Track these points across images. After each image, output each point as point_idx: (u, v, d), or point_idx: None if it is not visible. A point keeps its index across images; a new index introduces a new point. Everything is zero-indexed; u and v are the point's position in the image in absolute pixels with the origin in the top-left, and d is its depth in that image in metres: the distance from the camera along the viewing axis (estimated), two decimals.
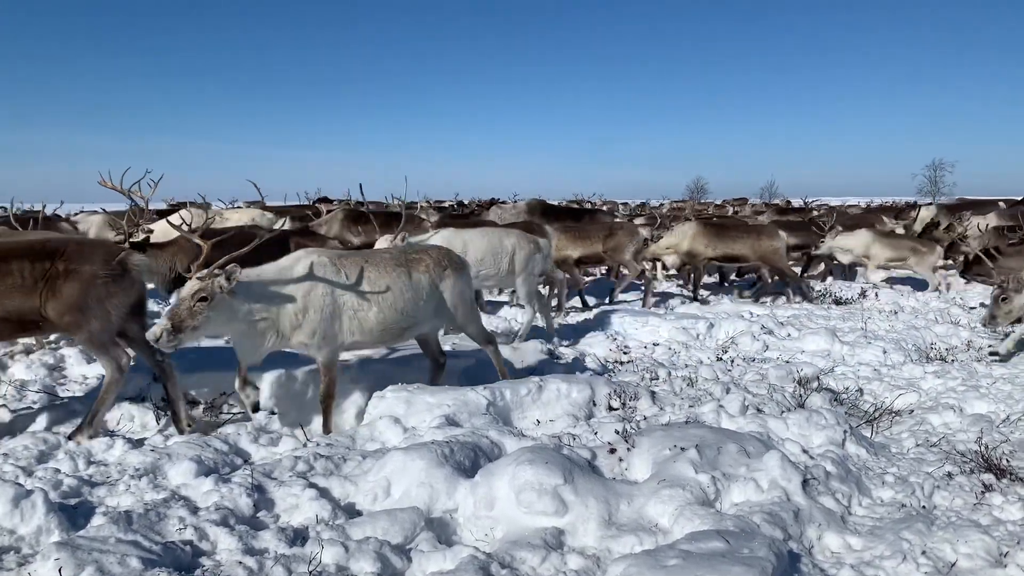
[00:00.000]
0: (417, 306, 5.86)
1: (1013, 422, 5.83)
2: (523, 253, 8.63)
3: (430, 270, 6.01)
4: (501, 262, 8.47)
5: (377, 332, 5.67)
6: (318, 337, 5.35)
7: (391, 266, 5.79)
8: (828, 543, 4.01)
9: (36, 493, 3.74)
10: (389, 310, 5.64)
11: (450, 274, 6.14)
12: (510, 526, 4.00)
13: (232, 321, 5.09)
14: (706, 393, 6.55)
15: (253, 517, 4.00)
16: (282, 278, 5.32)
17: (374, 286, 5.60)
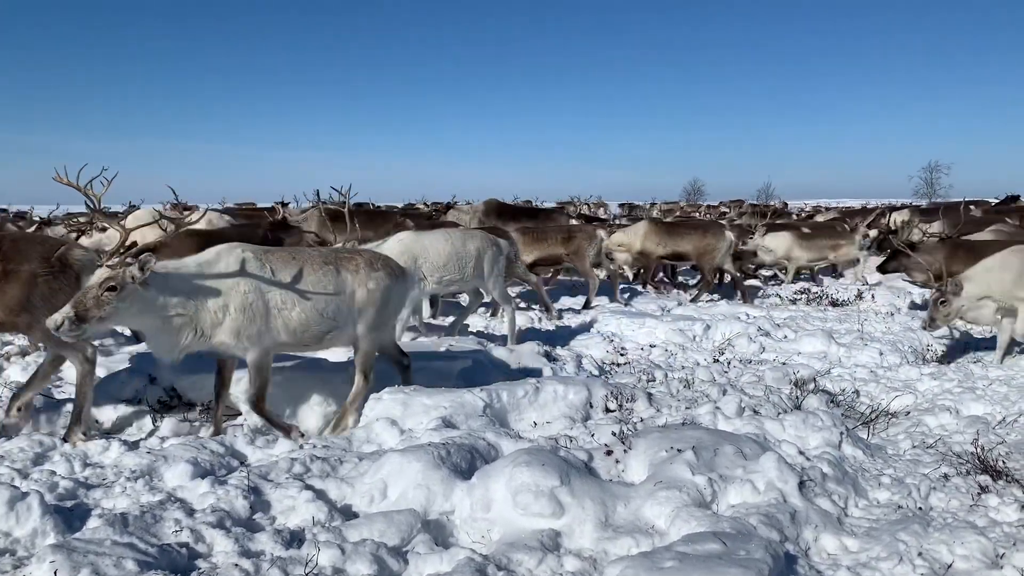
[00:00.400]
0: (341, 309, 5.51)
1: (1009, 424, 5.85)
2: (489, 255, 8.44)
3: (360, 271, 5.63)
4: (466, 266, 8.22)
5: (300, 333, 5.36)
6: (243, 337, 5.07)
7: (318, 264, 5.47)
8: (825, 545, 4.02)
9: (32, 495, 3.73)
10: (311, 310, 5.34)
11: (383, 278, 5.73)
12: (507, 528, 3.99)
13: (144, 314, 4.80)
14: (703, 395, 6.56)
15: (249, 519, 4.00)
16: (203, 272, 5.02)
17: (299, 283, 5.30)
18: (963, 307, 7.94)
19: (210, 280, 5.01)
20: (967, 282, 7.91)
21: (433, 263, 7.93)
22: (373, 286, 5.64)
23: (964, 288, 7.86)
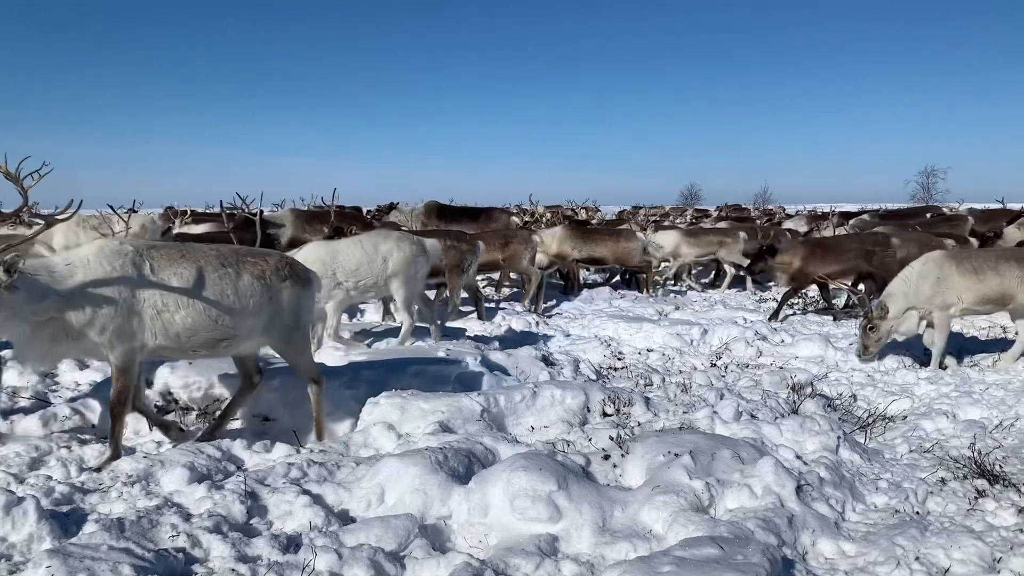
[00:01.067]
0: (241, 316, 5.02)
1: (1006, 428, 5.86)
2: (400, 256, 8.07)
3: (266, 276, 5.16)
4: (378, 270, 7.92)
5: (185, 338, 4.87)
6: (108, 334, 4.61)
7: (215, 265, 4.96)
8: (822, 549, 4.02)
9: (28, 500, 3.72)
10: (201, 315, 4.84)
11: (289, 285, 5.30)
12: (504, 533, 3.99)
13: (11, 320, 4.36)
14: (700, 399, 6.57)
15: (246, 524, 3.99)
16: (76, 270, 4.59)
17: (186, 284, 4.81)
18: (891, 327, 8.12)
19: (85, 279, 4.58)
20: (890, 301, 8.09)
21: (345, 269, 7.70)
22: (279, 293, 5.21)
23: (889, 308, 8.07)
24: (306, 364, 5.52)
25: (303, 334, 5.51)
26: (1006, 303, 7.99)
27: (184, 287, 4.81)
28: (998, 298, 7.94)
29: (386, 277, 7.96)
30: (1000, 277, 7.86)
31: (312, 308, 5.70)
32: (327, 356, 7.23)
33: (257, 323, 5.14)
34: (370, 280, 7.87)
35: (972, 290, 7.87)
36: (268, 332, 5.25)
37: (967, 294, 7.88)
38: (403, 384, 6.34)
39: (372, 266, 7.86)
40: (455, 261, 10.55)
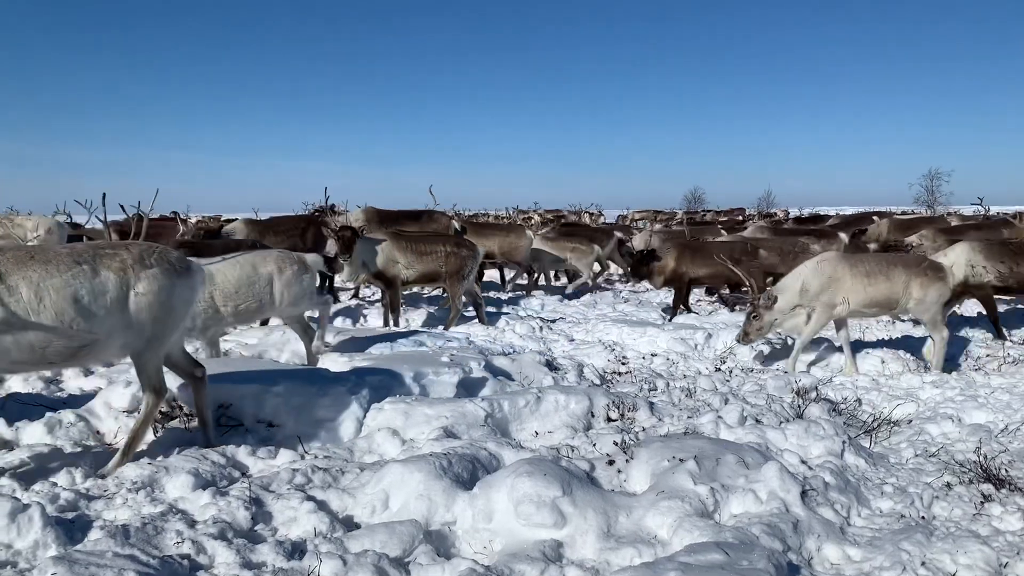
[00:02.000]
0: (99, 318, 4.44)
1: (1012, 432, 5.84)
2: (285, 277, 7.43)
3: (127, 268, 4.54)
4: (260, 291, 7.29)
5: (40, 348, 4.31)
6: None
7: (68, 263, 4.40)
8: (827, 554, 4.01)
9: (33, 507, 3.72)
10: (54, 322, 4.28)
11: (158, 275, 4.66)
12: (509, 538, 3.98)
13: None
14: (704, 404, 6.55)
15: (251, 530, 3.99)
16: None
17: (35, 289, 4.25)
18: (776, 320, 8.32)
19: None
20: (781, 294, 8.25)
21: (223, 291, 7.09)
22: (145, 287, 4.62)
23: (778, 301, 8.24)
24: (155, 369, 4.89)
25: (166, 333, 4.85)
26: (891, 307, 8.33)
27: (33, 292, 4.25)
28: (885, 302, 8.23)
29: (270, 300, 7.37)
30: (890, 282, 8.17)
31: (191, 302, 5.05)
32: (330, 362, 7.23)
33: (120, 322, 4.52)
34: (252, 303, 7.25)
35: (861, 292, 8.16)
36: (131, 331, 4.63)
37: (855, 296, 8.16)
38: (407, 389, 6.36)
39: (253, 287, 7.23)
40: (456, 267, 10.56)
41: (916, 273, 8.20)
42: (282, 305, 7.47)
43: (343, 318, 11.29)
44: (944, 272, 8.37)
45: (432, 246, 10.68)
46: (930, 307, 8.19)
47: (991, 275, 10.17)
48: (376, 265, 10.41)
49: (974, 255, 10.26)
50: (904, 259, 8.75)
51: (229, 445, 5.12)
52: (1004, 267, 10.19)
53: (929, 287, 8.15)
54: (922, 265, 8.37)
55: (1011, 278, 10.22)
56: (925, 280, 8.16)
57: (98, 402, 5.68)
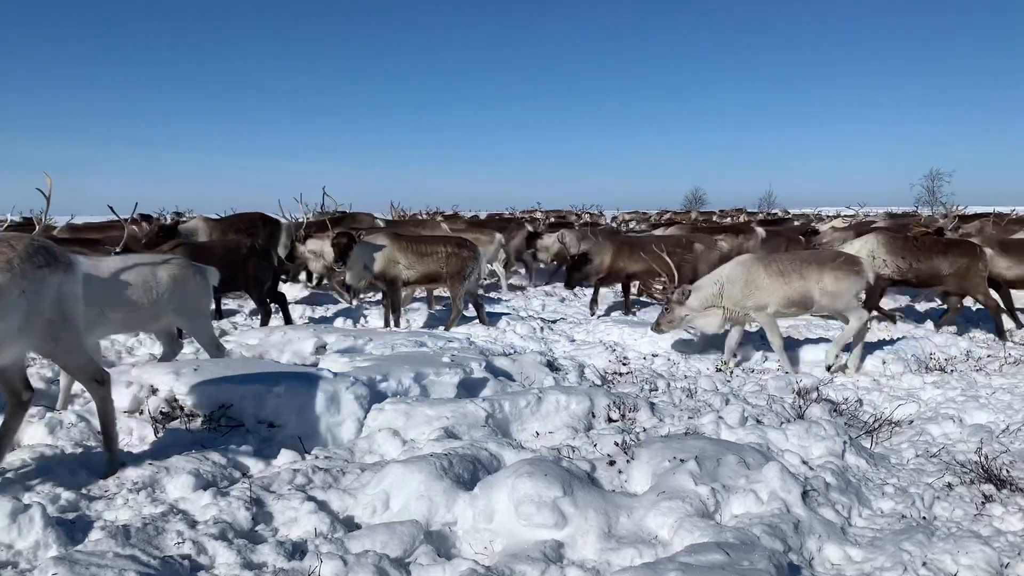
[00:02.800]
0: None
1: (1013, 432, 5.83)
2: (186, 286, 6.53)
3: (14, 266, 4.08)
4: (156, 299, 6.29)
5: None
6: None
7: None
8: (828, 555, 4.00)
9: (34, 507, 3.73)
10: None
11: (48, 273, 4.27)
12: (509, 539, 3.98)
13: None
14: (705, 404, 6.55)
15: (251, 531, 3.99)
16: None
17: None
18: (687, 316, 8.40)
19: None
20: (695, 291, 8.34)
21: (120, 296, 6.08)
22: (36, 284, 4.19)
23: (691, 297, 8.32)
24: (82, 363, 4.61)
25: (72, 328, 4.52)
26: (808, 306, 8.31)
27: None
28: (801, 300, 8.24)
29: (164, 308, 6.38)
30: (803, 280, 8.17)
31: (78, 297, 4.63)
32: (331, 362, 7.23)
33: (10, 326, 4.09)
34: (148, 312, 6.27)
35: (778, 292, 8.19)
36: (27, 333, 4.24)
37: (773, 296, 8.19)
38: (407, 390, 6.36)
39: (149, 294, 6.25)
40: (457, 268, 10.57)
41: (830, 268, 8.19)
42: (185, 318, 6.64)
43: (344, 318, 11.30)
44: (860, 266, 8.31)
45: (433, 247, 10.69)
46: (843, 296, 8.17)
47: (889, 269, 10.45)
48: (377, 267, 10.42)
49: (877, 247, 10.53)
50: (818, 255, 8.75)
51: (229, 445, 5.13)
52: (903, 262, 10.47)
53: (844, 280, 8.14)
54: (836, 260, 8.38)
55: (909, 272, 10.51)
56: (840, 273, 8.16)
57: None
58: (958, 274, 10.40)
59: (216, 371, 6.01)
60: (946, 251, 10.59)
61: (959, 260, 10.43)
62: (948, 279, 10.47)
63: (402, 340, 8.41)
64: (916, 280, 10.65)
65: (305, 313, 11.81)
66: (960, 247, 10.81)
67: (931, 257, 10.48)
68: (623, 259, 11.98)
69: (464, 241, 11.22)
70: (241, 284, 10.18)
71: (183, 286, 6.52)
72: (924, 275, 10.50)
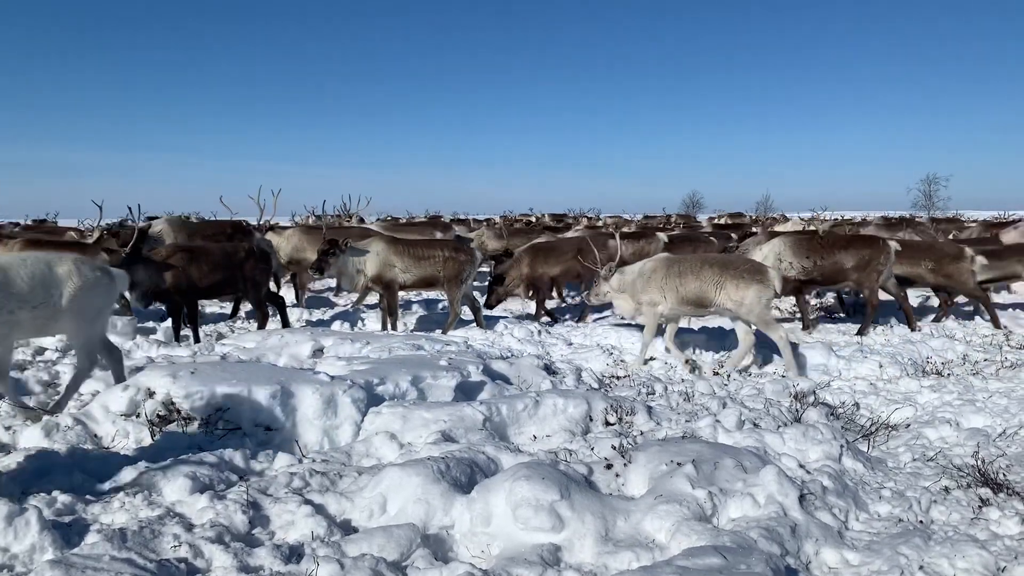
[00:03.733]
0: None
1: (1009, 436, 5.84)
2: (76, 283, 5.79)
3: None
4: (53, 296, 5.68)
5: None
6: None
7: None
8: (825, 558, 4.00)
9: (30, 511, 3.72)
10: None
11: None
12: (507, 542, 3.98)
13: None
14: (702, 408, 6.55)
15: (248, 534, 3.98)
16: None
17: None
18: (606, 292, 8.97)
19: None
20: (617, 273, 8.91)
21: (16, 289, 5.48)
22: None
23: (613, 278, 8.90)
24: None
25: None
26: (704, 305, 8.45)
27: None
28: (696, 300, 8.41)
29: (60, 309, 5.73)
30: (700, 281, 8.33)
31: None
32: (328, 365, 7.23)
33: None
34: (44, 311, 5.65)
35: (675, 291, 8.45)
36: None
37: (671, 295, 8.47)
38: (405, 393, 6.35)
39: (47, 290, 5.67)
40: (454, 272, 10.57)
41: (732, 275, 8.19)
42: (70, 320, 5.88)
43: (341, 321, 11.29)
44: (764, 275, 8.26)
45: (430, 251, 10.69)
46: (752, 308, 8.15)
47: (795, 270, 10.82)
48: (372, 270, 10.42)
49: (783, 250, 10.91)
50: (723, 259, 8.82)
51: (226, 449, 5.12)
52: (808, 262, 10.84)
53: (746, 289, 8.12)
54: (740, 267, 8.34)
55: (815, 271, 10.88)
56: (741, 282, 8.14)
57: (95, 405, 5.67)
58: (858, 267, 10.79)
59: (213, 374, 6.00)
60: (848, 247, 11.00)
61: (860, 254, 10.82)
62: (850, 273, 10.85)
63: (399, 343, 8.40)
64: (822, 278, 11.02)
65: (302, 316, 11.80)
66: (862, 241, 11.25)
67: (834, 254, 10.86)
68: (540, 264, 12.11)
69: (461, 245, 11.23)
70: (239, 287, 10.18)
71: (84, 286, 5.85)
72: (828, 272, 10.89)
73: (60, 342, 8.68)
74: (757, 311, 8.16)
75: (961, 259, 11.21)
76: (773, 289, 8.24)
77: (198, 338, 9.66)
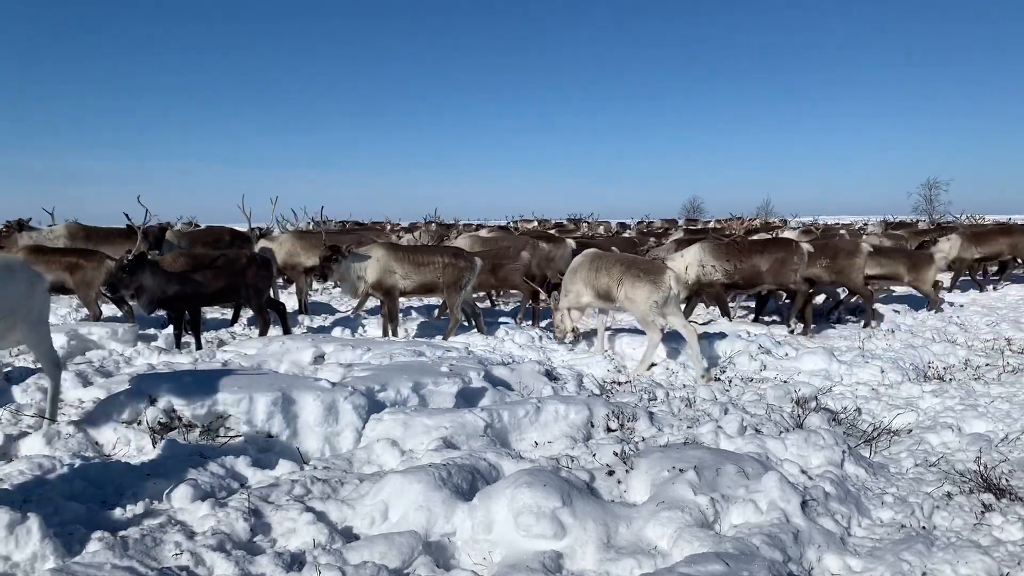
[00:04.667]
0: None
1: (1012, 441, 5.83)
2: (20, 288, 5.30)
3: None
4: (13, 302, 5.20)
5: None
6: None
7: None
8: (828, 565, 4.00)
9: (32, 519, 3.71)
10: None
11: None
12: (508, 549, 3.97)
13: None
14: (704, 414, 6.55)
15: (250, 541, 3.98)
16: None
17: None
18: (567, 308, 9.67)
19: None
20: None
21: None
22: None
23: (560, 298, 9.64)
24: None
25: None
26: (611, 300, 9.00)
27: None
28: (605, 295, 9.01)
29: (17, 318, 5.30)
30: (608, 278, 8.91)
31: None
32: (329, 372, 7.22)
33: None
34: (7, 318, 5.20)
35: (591, 286, 9.14)
36: None
37: (589, 288, 9.19)
38: (406, 400, 6.35)
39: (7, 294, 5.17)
40: (453, 278, 10.57)
41: (631, 274, 8.68)
42: (26, 328, 5.44)
43: (342, 328, 11.29)
44: (658, 276, 8.57)
45: (429, 257, 10.70)
46: (639, 306, 8.57)
47: (719, 274, 11.25)
48: (373, 277, 10.43)
49: (704, 255, 11.34)
50: (630, 259, 9.31)
51: (228, 456, 5.12)
52: (729, 265, 11.27)
53: (639, 288, 8.55)
54: (639, 267, 8.78)
55: (736, 275, 11.31)
56: (637, 281, 8.59)
57: (97, 413, 5.67)
58: (773, 270, 11.27)
59: (214, 381, 6.01)
60: (763, 250, 11.45)
61: (775, 255, 11.30)
62: (767, 275, 11.29)
63: (400, 350, 8.41)
64: (743, 281, 11.43)
65: (303, 323, 11.80)
66: (776, 244, 11.71)
67: (751, 257, 11.36)
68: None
69: (460, 251, 11.23)
70: (240, 293, 10.19)
71: (22, 287, 5.37)
72: (748, 275, 11.32)
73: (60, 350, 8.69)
74: (642, 309, 8.57)
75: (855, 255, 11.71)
76: (665, 292, 8.52)
77: (200, 345, 9.66)
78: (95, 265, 10.80)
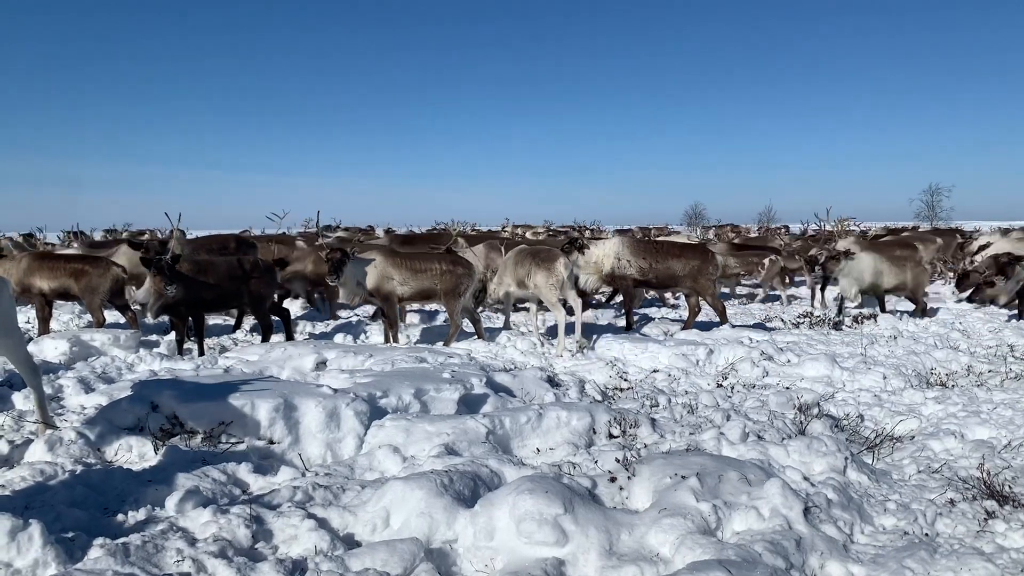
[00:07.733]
0: None
1: (1015, 448, 5.81)
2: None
3: None
4: None
5: None
6: None
7: None
8: (830, 572, 3.98)
9: (33, 525, 3.71)
10: None
11: None
12: (510, 556, 3.97)
13: None
14: (706, 420, 6.53)
15: (251, 548, 3.97)
16: None
17: None
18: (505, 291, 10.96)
19: None
20: None
21: None
22: None
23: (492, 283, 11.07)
24: None
25: None
26: (528, 287, 10.47)
27: None
28: (522, 283, 10.53)
29: None
30: (523, 267, 10.45)
31: None
32: (331, 378, 7.23)
33: None
34: None
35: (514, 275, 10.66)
36: None
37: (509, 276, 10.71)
38: (408, 406, 6.35)
39: None
40: (451, 285, 10.59)
41: (534, 263, 10.39)
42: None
43: (344, 334, 11.30)
44: (553, 263, 10.25)
45: (428, 264, 10.72)
46: (542, 289, 10.30)
47: (633, 269, 11.72)
48: (371, 283, 10.45)
49: (622, 249, 11.84)
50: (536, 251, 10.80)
51: (229, 462, 5.12)
52: (645, 263, 11.74)
53: (540, 274, 10.30)
54: (540, 256, 10.46)
55: (650, 273, 11.75)
56: (538, 268, 10.33)
57: (99, 419, 5.68)
58: (691, 275, 11.76)
59: (216, 388, 6.02)
60: (680, 254, 11.88)
61: (691, 262, 11.75)
62: (683, 280, 11.81)
63: (402, 356, 8.41)
64: (656, 280, 11.87)
65: (305, 329, 11.81)
66: (693, 250, 12.13)
67: (667, 259, 11.80)
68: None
69: (459, 258, 11.26)
70: (244, 300, 10.20)
71: None
72: (663, 276, 11.82)
73: (63, 356, 8.70)
74: (545, 291, 10.29)
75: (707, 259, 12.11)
76: (559, 276, 10.24)
77: (203, 351, 9.67)
78: (100, 272, 10.82)
